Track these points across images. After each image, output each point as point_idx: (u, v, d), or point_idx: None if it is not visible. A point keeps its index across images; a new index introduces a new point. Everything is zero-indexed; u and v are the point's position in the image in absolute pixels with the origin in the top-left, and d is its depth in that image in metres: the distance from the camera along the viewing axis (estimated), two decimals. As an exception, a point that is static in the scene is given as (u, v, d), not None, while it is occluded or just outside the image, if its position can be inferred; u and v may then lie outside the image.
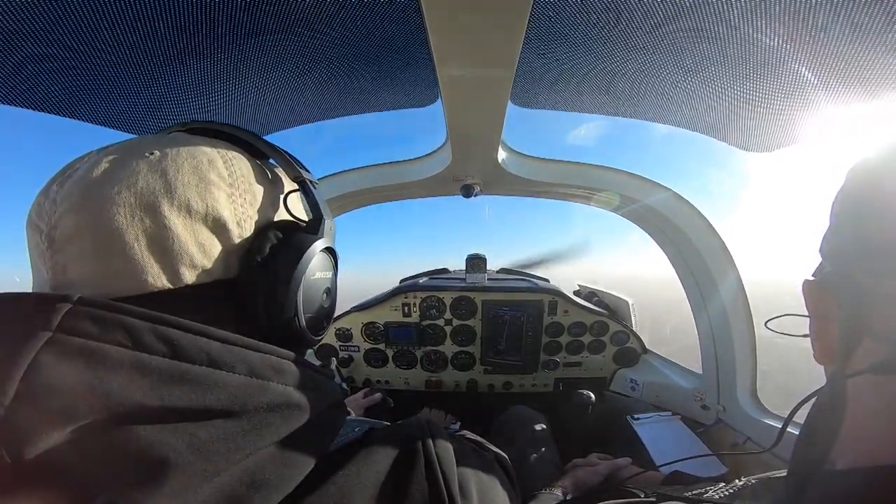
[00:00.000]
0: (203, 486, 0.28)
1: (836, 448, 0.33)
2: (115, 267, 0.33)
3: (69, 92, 0.72)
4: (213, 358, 0.31)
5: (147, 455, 0.26)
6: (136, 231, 0.33)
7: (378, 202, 1.62)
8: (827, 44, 0.60)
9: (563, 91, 0.89)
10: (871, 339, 0.29)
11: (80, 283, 0.33)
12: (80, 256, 0.33)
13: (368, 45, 0.71)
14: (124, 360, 0.28)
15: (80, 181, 0.33)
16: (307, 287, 0.41)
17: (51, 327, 0.27)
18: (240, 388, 0.31)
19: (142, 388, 0.27)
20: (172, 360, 0.29)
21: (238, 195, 0.38)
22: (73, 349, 0.27)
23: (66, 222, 0.32)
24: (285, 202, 0.44)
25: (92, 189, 0.33)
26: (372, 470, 0.37)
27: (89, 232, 0.32)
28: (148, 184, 0.34)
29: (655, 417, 1.44)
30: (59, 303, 0.28)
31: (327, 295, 0.46)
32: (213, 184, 0.37)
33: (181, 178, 0.35)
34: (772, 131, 0.90)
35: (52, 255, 0.33)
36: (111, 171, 0.34)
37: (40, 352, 0.26)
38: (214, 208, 0.36)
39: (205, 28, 0.62)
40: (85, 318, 0.28)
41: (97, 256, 0.32)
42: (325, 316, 0.46)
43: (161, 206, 0.34)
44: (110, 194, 0.33)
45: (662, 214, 1.30)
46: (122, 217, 0.32)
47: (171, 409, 0.28)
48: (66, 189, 0.33)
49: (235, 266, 0.38)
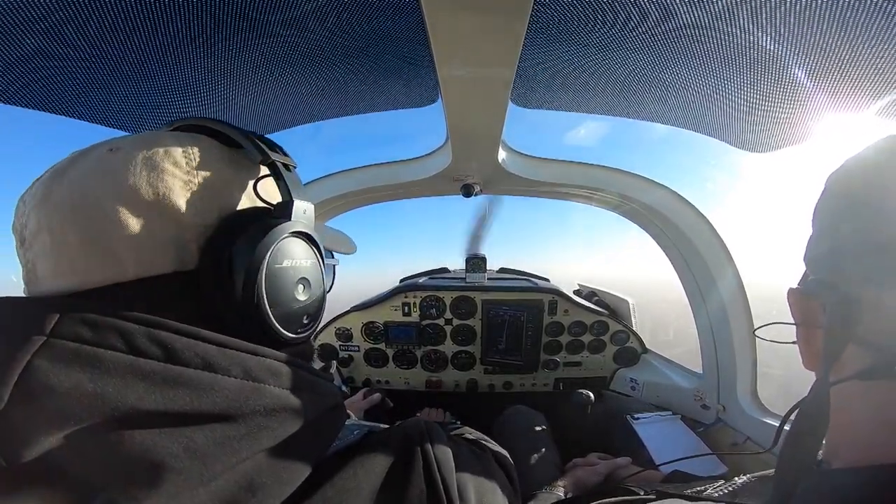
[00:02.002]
0: (199, 489, 0.28)
1: (826, 449, 0.33)
2: (67, 261, 0.32)
3: (68, 89, 0.72)
4: (207, 361, 0.30)
5: (143, 459, 0.26)
6: (86, 225, 0.32)
7: (378, 202, 1.62)
8: (827, 44, 0.60)
9: (563, 91, 0.89)
10: (855, 345, 0.30)
11: (44, 278, 0.33)
12: (42, 253, 0.33)
13: (368, 45, 0.71)
14: (119, 363, 0.27)
15: (43, 180, 0.34)
16: (272, 275, 0.36)
17: (45, 332, 0.27)
18: (235, 391, 0.31)
19: (137, 392, 0.27)
20: (167, 364, 0.29)
21: (196, 183, 0.36)
22: (67, 353, 0.27)
23: (31, 220, 0.33)
24: (255, 188, 0.41)
25: (48, 186, 0.33)
26: (370, 474, 0.37)
27: (46, 228, 0.32)
28: (96, 177, 0.33)
29: (655, 417, 1.44)
30: (53, 307, 0.28)
31: (305, 286, 0.41)
32: (167, 172, 0.35)
33: (132, 170, 0.34)
34: (772, 132, 0.90)
35: (24, 253, 0.34)
36: (67, 167, 0.34)
37: (34, 356, 0.26)
38: (167, 196, 0.34)
39: (205, 27, 0.62)
40: (79, 322, 0.28)
41: (53, 252, 0.32)
42: (305, 312, 0.41)
43: (109, 195, 0.33)
44: (60, 190, 0.33)
45: (662, 214, 1.30)
46: (69, 211, 0.32)
47: (167, 412, 0.28)
48: (34, 188, 0.34)
49: (195, 256, 0.35)
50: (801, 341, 0.37)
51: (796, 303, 0.36)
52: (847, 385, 0.30)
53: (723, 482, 0.44)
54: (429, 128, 1.36)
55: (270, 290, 0.36)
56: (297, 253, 0.40)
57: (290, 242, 0.39)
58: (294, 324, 0.40)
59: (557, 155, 1.29)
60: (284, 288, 0.38)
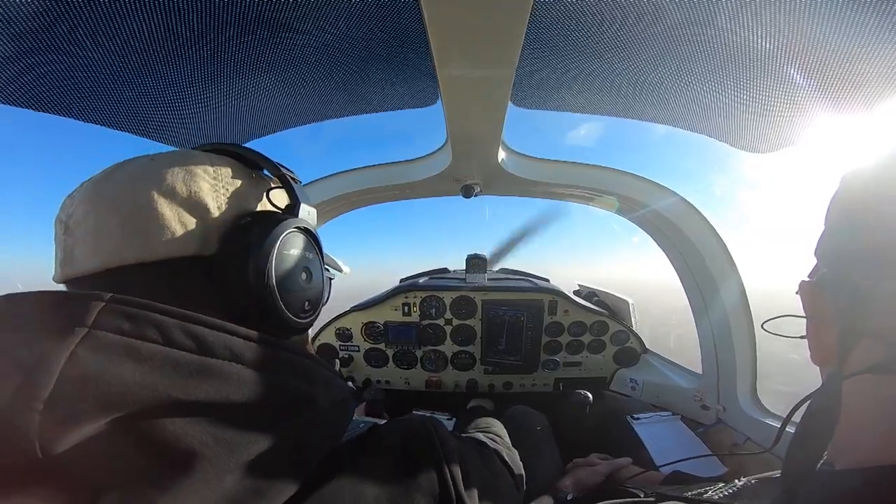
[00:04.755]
0: (227, 476, 0.29)
1: (831, 449, 0.33)
2: (106, 241, 0.36)
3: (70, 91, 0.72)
4: (235, 353, 0.32)
5: (176, 446, 0.28)
6: (124, 211, 0.37)
7: (378, 202, 1.62)
8: (828, 46, 0.60)
9: (563, 91, 0.89)
10: (868, 340, 0.29)
11: (82, 258, 0.37)
12: (83, 237, 0.37)
13: (368, 45, 0.71)
14: (156, 355, 0.29)
15: (93, 181, 0.39)
16: (280, 260, 0.41)
17: (87, 323, 0.28)
18: (261, 382, 0.33)
19: (173, 382, 0.29)
20: (199, 356, 0.31)
21: (220, 186, 0.42)
22: (108, 344, 0.28)
23: (78, 211, 0.38)
24: (268, 195, 0.47)
25: (97, 183, 0.39)
26: (380, 464, 0.40)
27: (93, 213, 0.37)
28: (140, 176, 0.38)
29: (655, 417, 1.44)
30: (94, 300, 0.30)
31: (308, 275, 0.46)
32: (198, 175, 0.41)
33: (170, 171, 0.39)
34: (772, 132, 0.90)
35: (65, 239, 0.38)
36: (114, 171, 0.39)
37: (78, 346, 0.27)
38: (197, 194, 0.40)
39: (206, 28, 0.62)
40: (118, 315, 0.30)
41: (95, 233, 0.37)
42: (307, 297, 0.46)
43: (149, 190, 0.38)
44: (107, 186, 0.38)
45: (662, 215, 1.30)
46: (114, 200, 0.37)
47: (198, 402, 0.29)
48: (83, 186, 0.39)
49: (216, 244, 0.40)
50: (811, 335, 0.36)
51: (808, 295, 0.36)
52: (854, 381, 0.30)
53: (723, 484, 0.44)
54: (429, 128, 1.36)
55: (278, 273, 0.41)
56: (302, 245, 0.46)
57: (296, 235, 0.45)
58: (296, 307, 0.44)
59: (557, 155, 1.29)
60: (291, 273, 0.43)
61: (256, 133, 1.03)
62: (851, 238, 0.31)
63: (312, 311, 0.48)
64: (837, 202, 0.34)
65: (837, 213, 0.34)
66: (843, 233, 0.33)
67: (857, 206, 0.32)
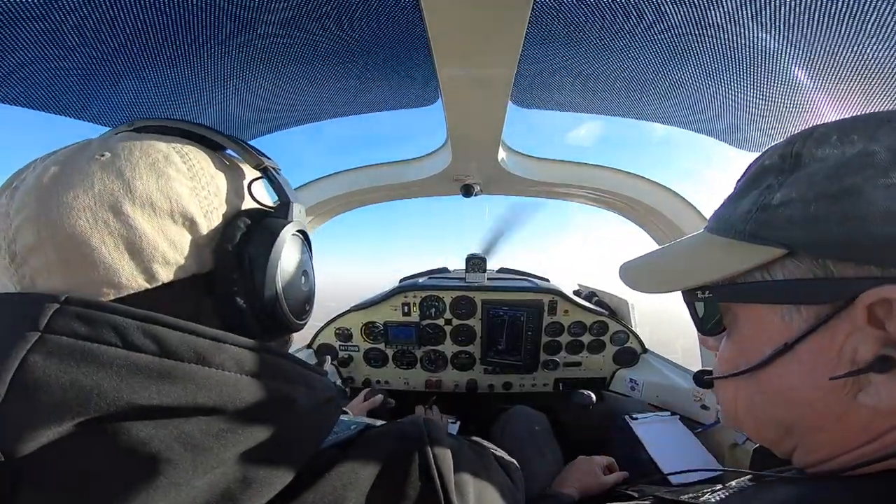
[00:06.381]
0: (195, 481, 0.28)
1: (808, 452, 0.33)
2: (84, 274, 0.31)
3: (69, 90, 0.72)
4: (201, 355, 0.31)
5: (140, 452, 0.27)
6: (102, 234, 0.31)
7: (378, 202, 1.62)
8: (827, 46, 0.60)
9: (563, 91, 0.89)
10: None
11: (48, 288, 0.31)
12: (45, 268, 0.31)
13: (369, 45, 0.71)
14: (114, 358, 0.28)
15: (31, 190, 0.31)
16: (284, 271, 0.40)
17: (39, 327, 0.27)
18: (229, 385, 0.31)
19: (132, 386, 0.27)
20: (161, 358, 0.29)
21: (201, 187, 0.37)
22: (62, 349, 0.27)
23: (25, 234, 0.31)
24: (250, 190, 0.43)
25: (46, 196, 0.31)
26: (367, 468, 0.37)
27: (51, 241, 0.30)
28: (105, 185, 0.32)
29: (655, 417, 1.43)
30: (47, 303, 0.28)
31: (305, 278, 0.45)
32: (173, 178, 0.35)
33: (138, 176, 0.33)
34: (771, 132, 0.90)
35: (17, 269, 0.31)
36: (63, 176, 0.32)
37: (29, 352, 0.26)
38: (179, 203, 0.35)
39: (205, 26, 0.62)
40: (73, 317, 0.28)
41: (65, 266, 0.31)
42: (306, 299, 0.46)
43: (123, 205, 0.32)
44: (67, 200, 0.31)
45: (662, 214, 1.30)
46: (85, 222, 0.31)
47: (162, 406, 0.28)
48: (18, 200, 0.31)
49: (210, 259, 0.37)
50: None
51: None
52: (852, 380, 0.29)
53: (721, 486, 0.44)
54: (429, 128, 1.36)
55: (285, 284, 0.40)
56: (299, 248, 0.44)
57: (295, 240, 0.43)
58: (300, 312, 0.43)
59: (557, 155, 1.29)
60: (294, 280, 0.42)
61: (256, 132, 1.03)
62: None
63: (311, 311, 0.47)
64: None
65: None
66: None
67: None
